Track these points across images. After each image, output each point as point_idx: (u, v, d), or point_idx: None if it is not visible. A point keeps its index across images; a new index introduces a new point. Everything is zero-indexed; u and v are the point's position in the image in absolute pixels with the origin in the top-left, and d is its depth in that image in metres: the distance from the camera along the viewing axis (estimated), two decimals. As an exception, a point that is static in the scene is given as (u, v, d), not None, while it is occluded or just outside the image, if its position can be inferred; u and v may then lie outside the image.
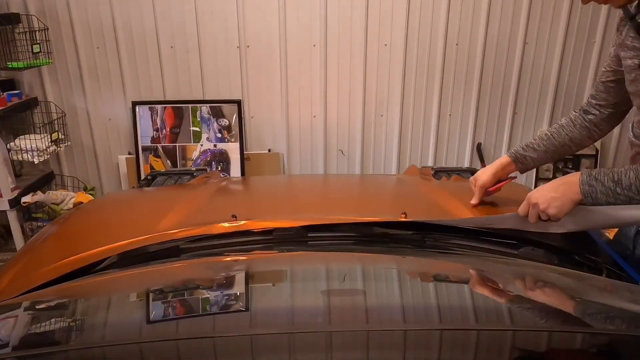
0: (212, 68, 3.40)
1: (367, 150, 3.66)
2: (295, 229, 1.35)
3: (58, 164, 3.55)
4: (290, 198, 1.92)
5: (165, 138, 3.48)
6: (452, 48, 3.43)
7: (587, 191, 1.22)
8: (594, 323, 0.87)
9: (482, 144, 3.67)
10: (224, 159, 3.51)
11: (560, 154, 1.54)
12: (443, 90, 3.53)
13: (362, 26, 3.35)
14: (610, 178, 1.20)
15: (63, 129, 3.35)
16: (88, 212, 1.88)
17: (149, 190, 2.04)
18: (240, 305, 0.90)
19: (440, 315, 0.85)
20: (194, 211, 1.54)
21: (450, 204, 1.58)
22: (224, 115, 3.47)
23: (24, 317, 0.90)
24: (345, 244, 1.39)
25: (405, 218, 1.39)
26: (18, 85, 3.35)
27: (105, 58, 3.35)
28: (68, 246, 1.44)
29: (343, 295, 0.91)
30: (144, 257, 1.31)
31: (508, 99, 3.58)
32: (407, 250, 1.35)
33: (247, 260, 1.26)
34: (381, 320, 0.80)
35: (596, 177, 1.21)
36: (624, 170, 1.20)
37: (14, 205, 3.03)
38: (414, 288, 1.04)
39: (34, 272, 1.29)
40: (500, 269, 1.19)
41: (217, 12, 3.29)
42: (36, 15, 3.13)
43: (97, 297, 1.02)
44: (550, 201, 1.25)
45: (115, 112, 3.47)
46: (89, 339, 0.78)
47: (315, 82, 3.46)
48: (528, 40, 3.44)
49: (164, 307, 0.91)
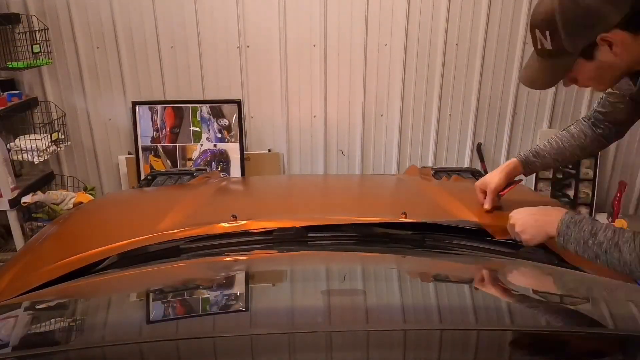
0: (212, 68, 3.40)
1: (367, 150, 3.66)
2: (295, 229, 1.35)
3: (58, 164, 3.55)
4: (290, 198, 1.92)
5: (165, 138, 3.48)
6: (452, 48, 3.43)
7: (563, 231, 1.16)
8: (592, 323, 0.86)
9: (482, 144, 3.67)
10: (224, 159, 3.51)
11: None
12: (443, 90, 3.53)
13: (362, 26, 3.35)
14: (588, 229, 1.13)
15: (63, 129, 3.35)
16: (88, 212, 1.88)
17: (149, 190, 2.04)
18: (240, 305, 0.90)
19: (440, 315, 0.85)
20: (194, 211, 1.54)
21: (451, 204, 1.58)
22: (224, 115, 3.47)
23: (24, 317, 0.90)
24: (345, 244, 1.39)
25: (405, 218, 1.39)
26: (18, 85, 3.34)
27: (105, 58, 3.35)
28: (68, 246, 1.44)
29: (343, 295, 0.91)
30: (144, 257, 1.31)
31: (508, 99, 3.58)
32: (407, 250, 1.35)
33: (247, 260, 1.26)
34: (381, 320, 0.80)
35: (576, 222, 1.15)
36: (605, 226, 1.13)
37: (14, 205, 3.03)
38: (413, 288, 1.04)
39: (34, 272, 1.29)
40: (499, 269, 1.19)
41: (217, 12, 3.29)
42: (36, 15, 3.13)
43: (97, 297, 1.02)
44: (525, 227, 1.24)
45: (115, 112, 3.47)
46: (89, 339, 0.78)
47: (315, 82, 3.46)
48: (528, 40, 3.42)
49: (164, 307, 0.91)
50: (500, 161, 3.70)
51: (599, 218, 3.65)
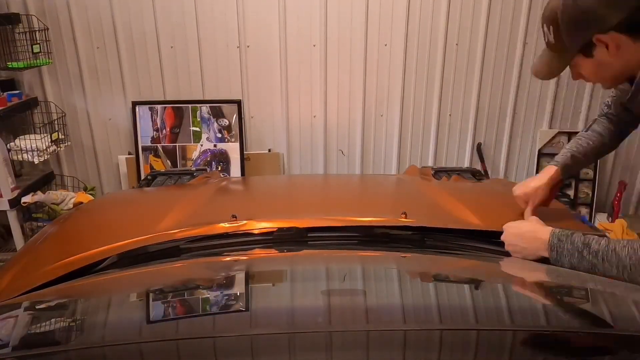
0: (212, 68, 3.40)
1: (367, 150, 3.66)
2: (295, 229, 1.35)
3: (58, 164, 3.55)
4: (290, 198, 1.93)
5: (165, 138, 3.48)
6: (452, 48, 3.43)
7: (555, 245, 1.16)
8: (592, 321, 0.87)
9: (482, 143, 3.67)
10: (224, 159, 3.51)
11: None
12: (443, 90, 3.53)
13: (362, 26, 3.35)
14: (581, 240, 1.13)
15: (63, 129, 3.35)
16: (88, 212, 1.88)
17: (149, 190, 2.04)
18: (240, 305, 0.90)
19: (440, 315, 0.85)
20: (194, 211, 1.54)
21: (450, 204, 1.58)
22: (224, 115, 3.47)
23: (24, 317, 0.91)
24: (345, 244, 1.39)
25: (405, 218, 1.39)
26: (18, 85, 3.34)
27: (105, 58, 3.35)
28: (68, 246, 1.44)
29: (343, 295, 0.91)
30: (144, 257, 1.31)
31: (508, 99, 3.58)
32: (407, 249, 1.35)
33: (247, 260, 1.26)
34: (381, 320, 0.80)
35: (568, 235, 1.16)
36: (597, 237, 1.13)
37: (14, 205, 3.03)
38: (413, 288, 1.04)
39: (34, 272, 1.29)
40: (498, 268, 1.19)
41: (217, 12, 3.29)
42: (36, 15, 3.13)
43: (97, 297, 1.02)
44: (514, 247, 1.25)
45: (115, 112, 3.47)
46: (89, 339, 0.78)
47: (315, 82, 3.46)
48: (528, 40, 3.44)
49: (165, 307, 0.91)
50: (500, 161, 3.71)
51: (599, 218, 3.66)
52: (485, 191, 1.98)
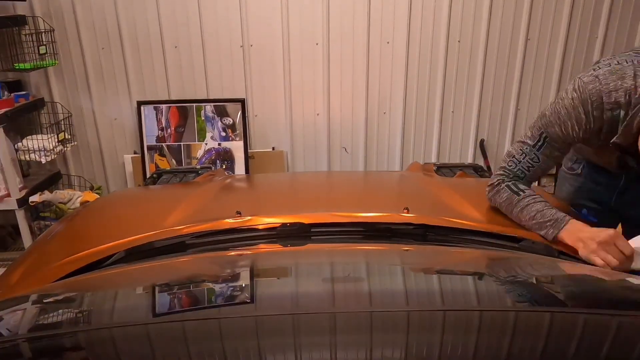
0: (216, 67, 3.43)
1: (370, 148, 3.68)
2: (299, 224, 1.37)
3: (65, 164, 3.59)
4: (294, 195, 1.94)
5: (170, 137, 3.51)
6: (454, 44, 3.44)
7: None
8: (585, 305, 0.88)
9: (485, 140, 3.68)
10: (228, 157, 3.54)
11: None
12: (446, 87, 3.54)
13: (365, 24, 3.37)
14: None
15: (69, 129, 3.38)
16: (95, 209, 1.90)
17: (155, 188, 2.06)
18: (245, 297, 0.92)
19: (443, 299, 0.88)
20: (199, 208, 1.56)
21: (453, 199, 1.59)
22: (228, 114, 3.50)
23: (35, 307, 0.93)
24: (349, 239, 1.41)
25: (407, 213, 1.41)
26: (25, 86, 3.38)
27: (110, 59, 3.38)
28: (76, 243, 1.46)
29: (347, 289, 0.93)
30: (151, 252, 1.33)
31: (511, 95, 3.59)
32: (409, 243, 1.37)
33: (252, 254, 1.29)
34: (383, 303, 0.83)
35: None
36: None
37: (22, 204, 3.07)
38: (416, 278, 1.06)
39: (43, 269, 1.31)
40: (499, 259, 1.21)
41: (220, 12, 3.31)
42: (42, 17, 3.17)
43: (106, 290, 1.05)
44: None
45: (121, 112, 3.51)
46: (100, 322, 0.80)
47: (318, 80, 3.48)
48: (530, 36, 3.44)
49: (171, 297, 0.94)
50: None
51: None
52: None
